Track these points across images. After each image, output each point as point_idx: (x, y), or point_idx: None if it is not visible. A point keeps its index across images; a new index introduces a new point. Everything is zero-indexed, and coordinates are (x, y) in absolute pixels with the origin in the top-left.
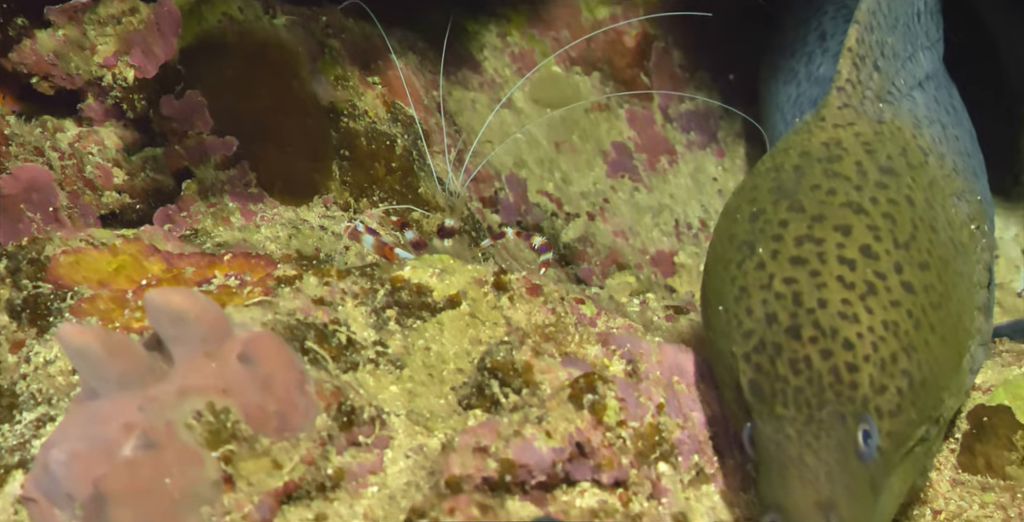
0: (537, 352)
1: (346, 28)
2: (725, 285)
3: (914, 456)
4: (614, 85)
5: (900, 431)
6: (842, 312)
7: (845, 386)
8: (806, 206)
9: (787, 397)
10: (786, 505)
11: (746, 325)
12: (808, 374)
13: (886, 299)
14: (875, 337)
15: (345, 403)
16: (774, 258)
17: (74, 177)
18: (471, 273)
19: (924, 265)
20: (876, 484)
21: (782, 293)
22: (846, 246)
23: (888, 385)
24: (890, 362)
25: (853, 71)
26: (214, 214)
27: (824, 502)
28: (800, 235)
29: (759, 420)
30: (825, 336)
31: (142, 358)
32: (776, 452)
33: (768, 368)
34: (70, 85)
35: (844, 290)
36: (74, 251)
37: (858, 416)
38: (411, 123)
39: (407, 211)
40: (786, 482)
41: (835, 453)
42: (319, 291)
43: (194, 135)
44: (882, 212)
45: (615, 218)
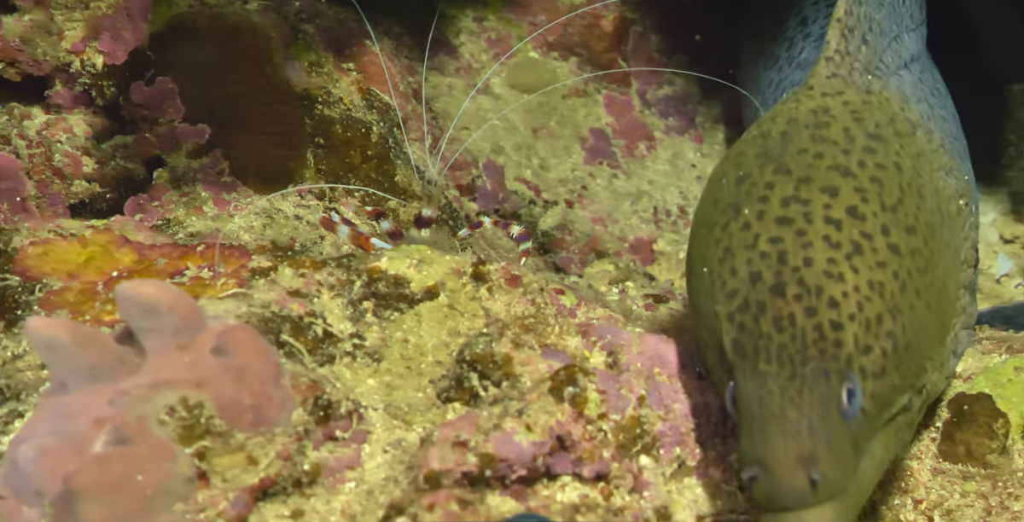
0: (517, 344)
1: (320, 13)
2: (710, 247)
3: (896, 425)
4: (592, 70)
5: (883, 394)
6: (827, 271)
7: (829, 344)
8: (792, 169)
9: (770, 354)
10: (767, 459)
11: (730, 285)
12: (792, 331)
13: (872, 260)
14: (860, 297)
15: (322, 397)
16: (760, 218)
17: (42, 166)
18: (449, 263)
19: (911, 229)
20: (858, 445)
21: (767, 252)
22: (832, 207)
23: (873, 346)
24: (875, 323)
25: (842, 42)
26: (186, 203)
27: (805, 456)
28: (786, 196)
29: (741, 378)
30: (810, 294)
31: (113, 351)
32: (758, 408)
33: (752, 326)
34: (37, 71)
35: (830, 249)
36: (42, 242)
37: (842, 374)
38: (387, 110)
39: (383, 200)
40: (767, 436)
41: (818, 408)
42: (294, 282)
43: (165, 122)
44: (869, 175)
45: (593, 205)
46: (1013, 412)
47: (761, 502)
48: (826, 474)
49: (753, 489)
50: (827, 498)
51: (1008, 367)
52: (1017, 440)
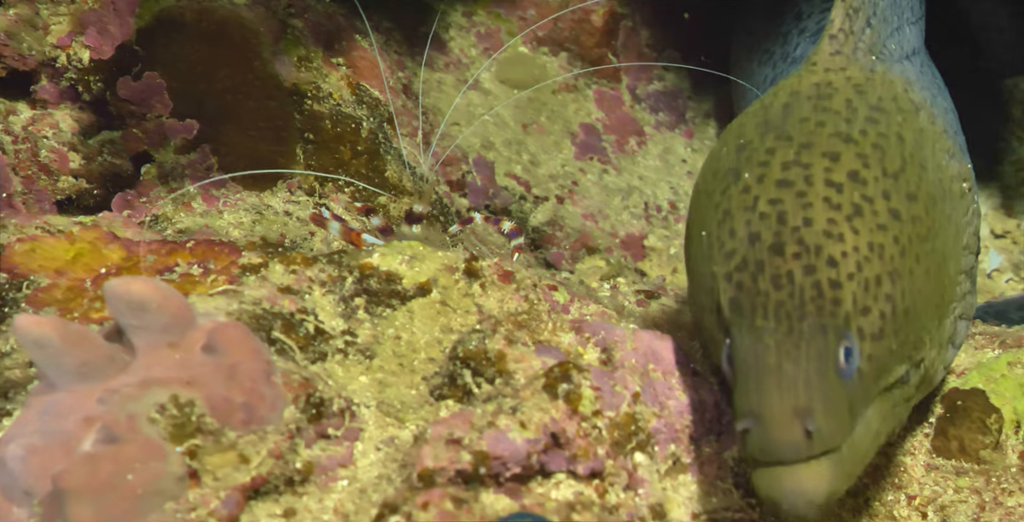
0: (510, 340)
1: (309, 7)
2: (708, 212)
3: (892, 398)
4: (582, 65)
5: (881, 358)
6: (827, 231)
7: (827, 301)
8: (794, 136)
9: (767, 310)
10: (762, 411)
11: (728, 246)
12: (790, 289)
13: (872, 222)
14: (860, 257)
15: (314, 395)
16: (759, 182)
17: (28, 162)
18: (441, 260)
19: (912, 196)
20: (854, 407)
21: (766, 213)
22: (834, 170)
23: (871, 307)
24: (874, 284)
25: (846, 21)
26: (175, 199)
27: (801, 408)
28: (787, 160)
29: (738, 334)
30: (809, 253)
31: (102, 349)
32: (754, 361)
33: (749, 284)
34: (23, 66)
35: (830, 210)
36: (30, 239)
37: (839, 332)
38: (377, 105)
39: (373, 196)
40: (762, 389)
41: (815, 362)
42: (285, 279)
43: (153, 118)
44: (871, 143)
45: (584, 201)
46: (1006, 407)
47: (754, 455)
48: (821, 427)
49: (746, 442)
50: (822, 452)
51: (1001, 362)
52: (1010, 435)
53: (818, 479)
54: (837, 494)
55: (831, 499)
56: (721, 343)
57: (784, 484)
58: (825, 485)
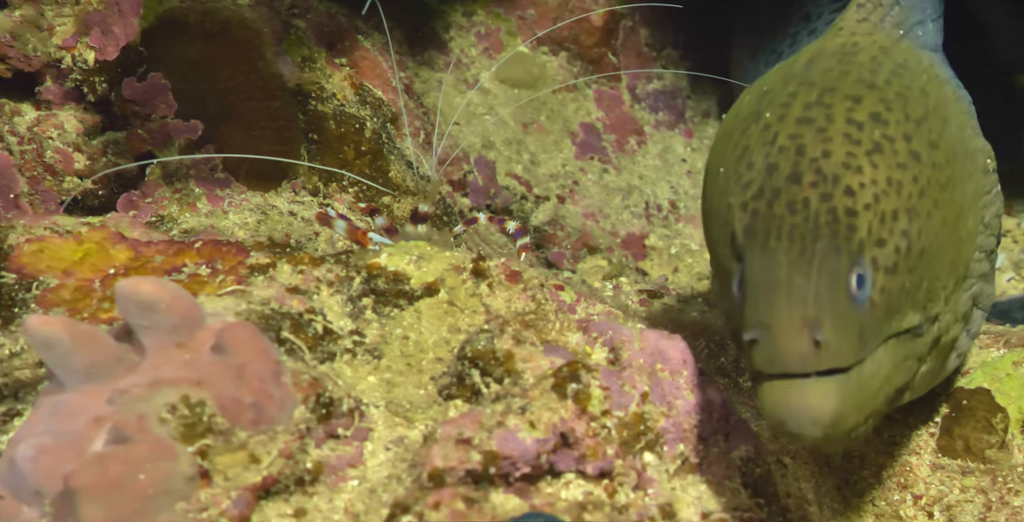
0: (518, 340)
1: (311, 7)
2: (728, 151)
3: (905, 348)
4: (581, 64)
5: (893, 293)
6: (846, 163)
7: (842, 227)
8: (817, 81)
9: (781, 232)
10: (771, 321)
11: (745, 177)
12: (805, 214)
13: (892, 160)
14: (877, 190)
15: (323, 395)
16: (780, 120)
17: (34, 162)
18: (449, 260)
19: (933, 144)
20: (864, 335)
21: (785, 146)
22: (855, 111)
23: (887, 240)
24: (890, 217)
25: None
26: (180, 200)
27: (810, 319)
28: (809, 102)
29: (751, 256)
30: (826, 181)
31: (112, 349)
32: (765, 277)
33: (765, 211)
34: (28, 67)
35: (850, 145)
36: (38, 239)
37: (852, 256)
38: (380, 105)
39: (376, 197)
40: (773, 300)
41: (826, 279)
42: (293, 279)
43: (157, 118)
44: (895, 91)
45: (584, 200)
46: (1012, 406)
47: (760, 367)
48: (829, 339)
49: (753, 353)
50: (829, 369)
51: (1006, 361)
52: (1016, 435)
53: (824, 397)
54: (843, 423)
55: (837, 424)
56: (734, 272)
57: (790, 399)
58: (831, 404)
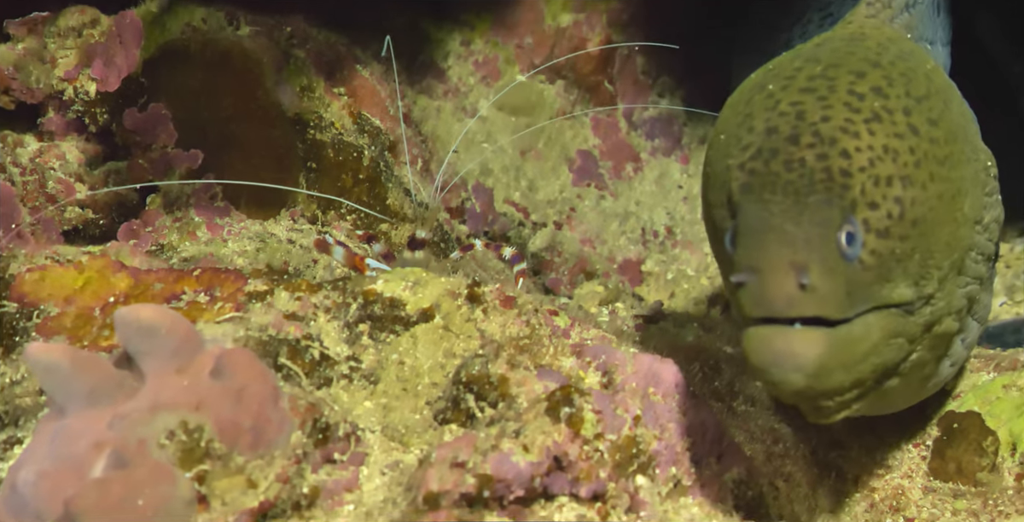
0: (512, 365)
1: (311, 37)
2: (731, 119)
3: (896, 322)
4: (578, 92)
5: (884, 258)
6: (844, 127)
7: (836, 185)
8: (823, 58)
9: (776, 187)
10: (760, 263)
11: (745, 140)
12: (801, 171)
13: (890, 129)
14: (873, 155)
15: (320, 419)
16: (784, 89)
17: (36, 192)
18: (444, 285)
19: (933, 122)
20: (853, 293)
21: (786, 111)
22: (857, 83)
23: (880, 203)
24: (884, 183)
25: None
26: (180, 228)
27: (799, 263)
28: (813, 74)
29: (744, 209)
30: (823, 143)
31: (112, 374)
32: (757, 225)
33: (762, 169)
34: (31, 99)
35: (849, 112)
36: (39, 268)
37: (844, 212)
38: (378, 133)
39: (374, 224)
40: (763, 244)
41: (817, 228)
42: (291, 306)
43: (158, 148)
44: (899, 71)
45: (582, 226)
46: (1002, 430)
47: (747, 310)
48: (816, 284)
49: (741, 297)
50: (814, 312)
51: (996, 385)
52: (1006, 457)
53: (809, 344)
54: (827, 376)
55: (820, 375)
56: (728, 230)
57: (775, 344)
58: (815, 352)
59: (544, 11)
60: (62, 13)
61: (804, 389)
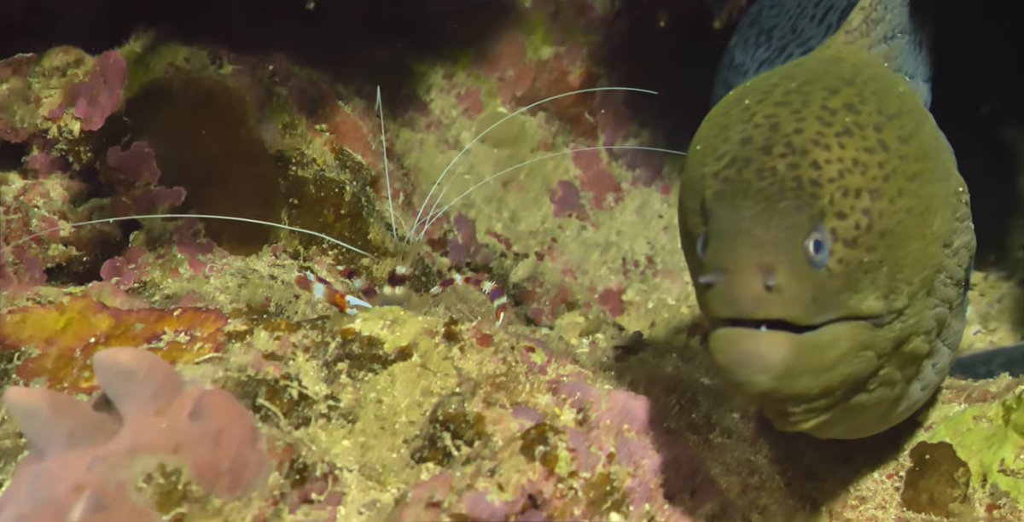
0: (488, 403)
1: (293, 75)
2: (709, 131)
3: (866, 334)
4: (559, 123)
5: (852, 267)
6: (815, 140)
7: (806, 194)
8: (798, 75)
9: (747, 193)
10: (728, 264)
11: (721, 149)
12: (772, 179)
13: (861, 144)
14: (843, 166)
15: (297, 460)
16: (759, 103)
17: (20, 231)
18: (422, 324)
19: (903, 139)
20: (819, 299)
21: (760, 123)
22: (830, 99)
23: (848, 214)
24: (852, 194)
25: (863, 26)
26: (162, 265)
27: (766, 264)
28: (788, 90)
29: (716, 214)
30: (795, 153)
31: (91, 417)
32: (728, 228)
33: (735, 177)
34: (15, 138)
35: (822, 126)
36: (21, 310)
37: (813, 219)
38: (359, 169)
39: (356, 259)
40: (732, 247)
41: (785, 232)
42: (270, 345)
43: (141, 185)
44: (872, 89)
45: (563, 256)
46: (973, 460)
47: (715, 310)
48: (782, 285)
49: (709, 298)
50: (780, 314)
51: (967, 416)
52: (977, 488)
53: (776, 347)
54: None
55: (786, 377)
56: (700, 235)
57: (741, 344)
58: (781, 354)
59: (525, 44)
60: (47, 53)
61: (770, 391)
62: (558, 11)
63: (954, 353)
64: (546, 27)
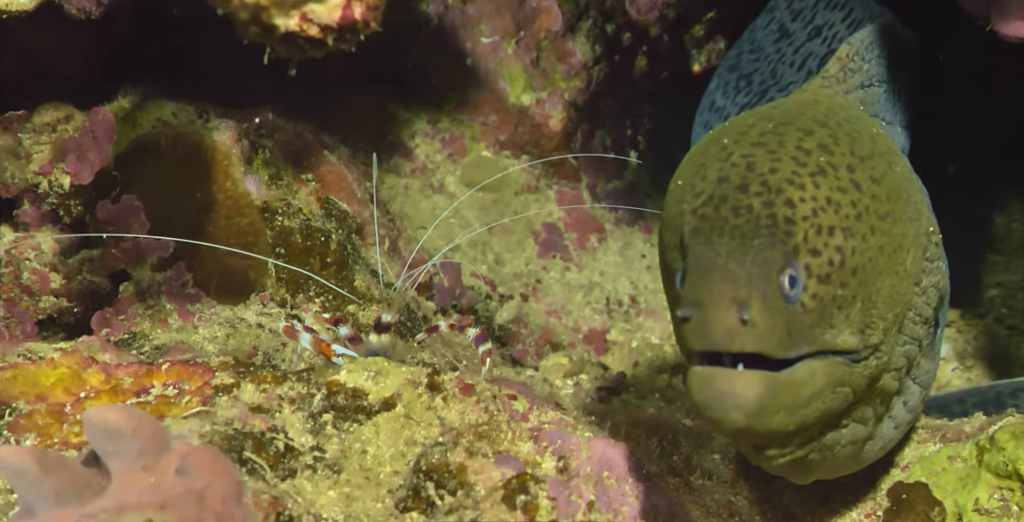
0: (471, 452)
1: (278, 127)
2: (688, 169)
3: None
4: (542, 167)
5: (826, 302)
6: (790, 179)
7: (780, 231)
8: (775, 117)
9: (724, 230)
10: (702, 299)
11: (699, 187)
12: (748, 217)
13: (834, 183)
14: (816, 205)
15: (283, 513)
16: (736, 143)
17: (11, 284)
18: (405, 375)
19: (875, 179)
20: (793, 333)
21: (737, 163)
22: (805, 140)
23: (821, 251)
24: (826, 232)
25: (841, 74)
26: (152, 316)
27: (740, 299)
28: (765, 130)
29: (693, 250)
30: (770, 192)
31: (79, 474)
32: (704, 263)
33: (712, 214)
34: (6, 193)
35: (796, 166)
36: (11, 366)
37: (787, 256)
38: (345, 217)
39: (342, 306)
40: (707, 281)
41: (759, 268)
42: (256, 398)
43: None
44: (845, 131)
45: (547, 298)
46: (948, 500)
47: (691, 343)
48: (756, 319)
49: (685, 331)
50: (754, 347)
51: (942, 456)
52: None
53: (750, 386)
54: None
55: (760, 415)
56: (678, 270)
57: (717, 383)
58: (756, 394)
59: (508, 91)
60: (37, 110)
61: (744, 428)
62: (539, 58)
63: (925, 391)
64: (528, 73)
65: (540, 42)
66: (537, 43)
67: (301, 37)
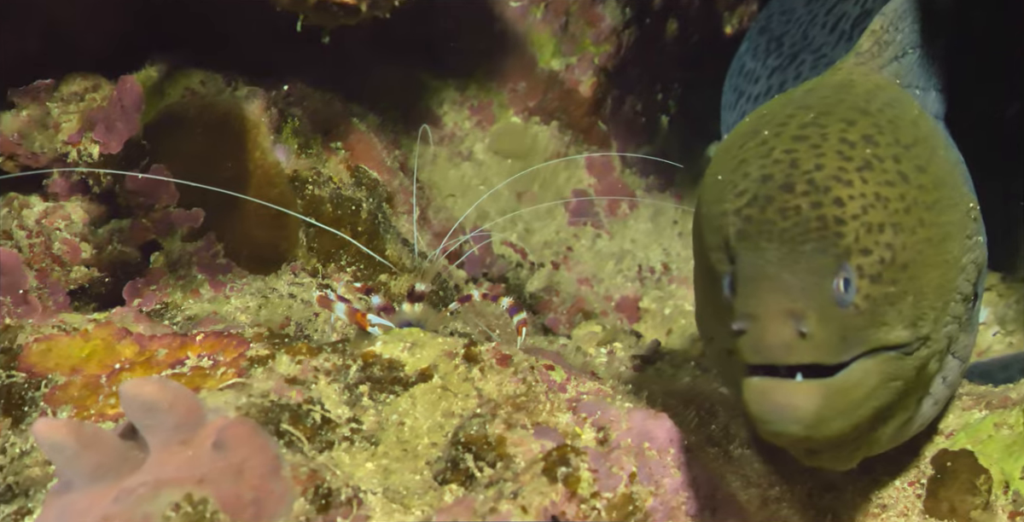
0: (509, 424)
1: (307, 96)
2: (726, 163)
3: (893, 365)
4: (572, 133)
5: (878, 302)
6: (837, 176)
7: (830, 233)
8: (813, 105)
9: (772, 234)
10: (756, 311)
11: (740, 186)
12: (796, 219)
13: (881, 177)
14: (866, 202)
15: (322, 486)
16: (777, 136)
17: (42, 254)
18: (441, 346)
19: (921, 168)
20: (848, 338)
21: (780, 159)
22: (848, 131)
23: (872, 250)
24: (876, 229)
25: (875, 47)
26: (183, 286)
27: (796, 311)
28: (805, 122)
29: (741, 256)
30: (817, 191)
31: (116, 449)
32: (754, 273)
33: (757, 216)
34: (35, 163)
35: (842, 161)
36: (46, 338)
37: (839, 259)
38: (375, 186)
39: (374, 275)
40: (760, 292)
41: (813, 276)
42: (292, 370)
43: (160, 208)
44: (887, 118)
45: (579, 266)
46: (994, 468)
47: (746, 357)
48: (813, 331)
49: (739, 345)
50: (812, 359)
51: (988, 423)
52: (999, 496)
53: (807, 396)
54: (826, 425)
55: (819, 425)
56: (725, 274)
57: (774, 397)
58: (814, 404)
59: (536, 57)
60: (64, 80)
61: (803, 439)
62: (568, 23)
63: (964, 365)
64: (556, 39)
65: (569, 7)
66: (566, 8)
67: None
